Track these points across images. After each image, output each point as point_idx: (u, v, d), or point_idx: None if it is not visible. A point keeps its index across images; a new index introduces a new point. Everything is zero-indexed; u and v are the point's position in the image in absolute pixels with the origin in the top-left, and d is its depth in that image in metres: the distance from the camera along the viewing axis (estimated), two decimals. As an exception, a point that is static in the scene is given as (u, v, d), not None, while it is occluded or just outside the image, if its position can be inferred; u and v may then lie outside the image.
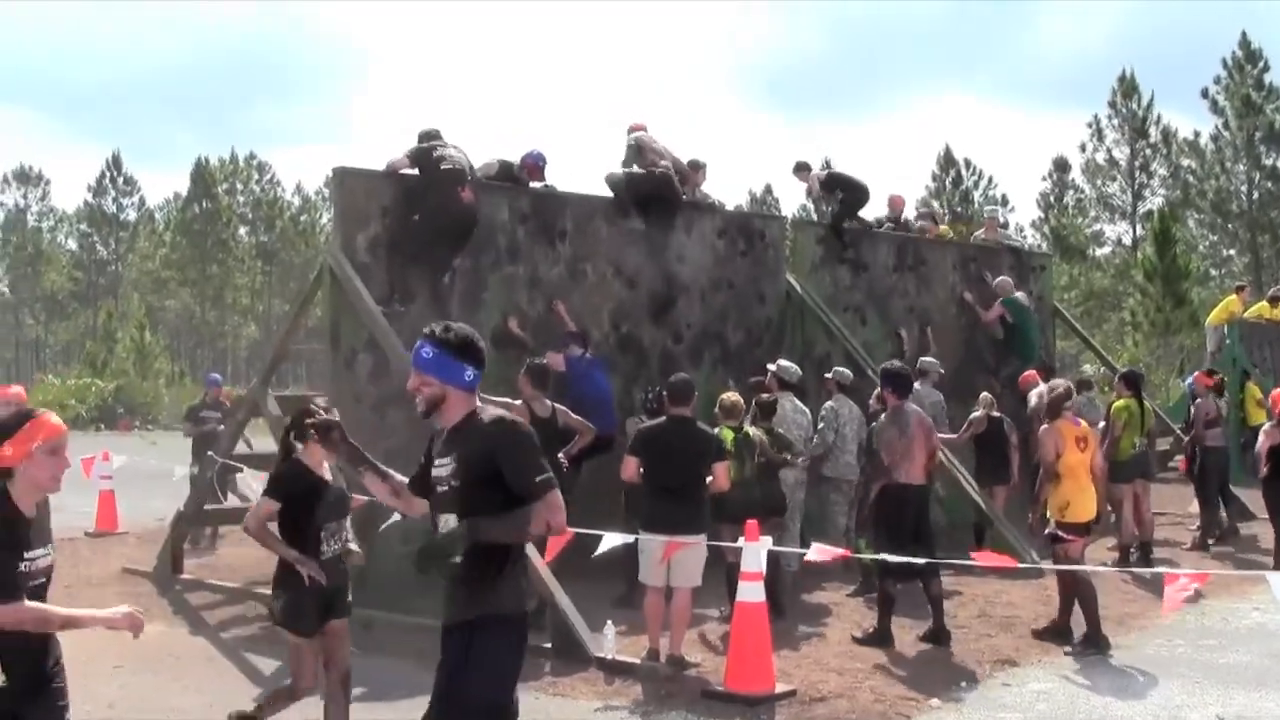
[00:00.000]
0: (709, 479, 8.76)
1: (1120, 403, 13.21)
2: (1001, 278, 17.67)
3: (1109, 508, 14.11)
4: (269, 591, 11.32)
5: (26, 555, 4.28)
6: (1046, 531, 9.86)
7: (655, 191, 13.01)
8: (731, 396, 10.47)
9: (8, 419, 4.33)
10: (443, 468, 4.78)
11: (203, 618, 10.77)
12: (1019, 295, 17.33)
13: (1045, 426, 9.81)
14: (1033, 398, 14.05)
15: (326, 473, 6.77)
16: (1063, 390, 10.05)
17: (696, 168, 14.06)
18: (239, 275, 79.10)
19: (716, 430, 9.86)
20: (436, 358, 4.76)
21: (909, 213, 18.08)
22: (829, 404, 11.96)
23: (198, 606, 11.21)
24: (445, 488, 4.78)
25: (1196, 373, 16.53)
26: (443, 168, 11.14)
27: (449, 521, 4.69)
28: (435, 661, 8.63)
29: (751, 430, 10.28)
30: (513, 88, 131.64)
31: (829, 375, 12.61)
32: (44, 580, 4.38)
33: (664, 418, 9.05)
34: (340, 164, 11.20)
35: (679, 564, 8.58)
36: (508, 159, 12.32)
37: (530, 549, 9.24)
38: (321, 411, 6.38)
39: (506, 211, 12.12)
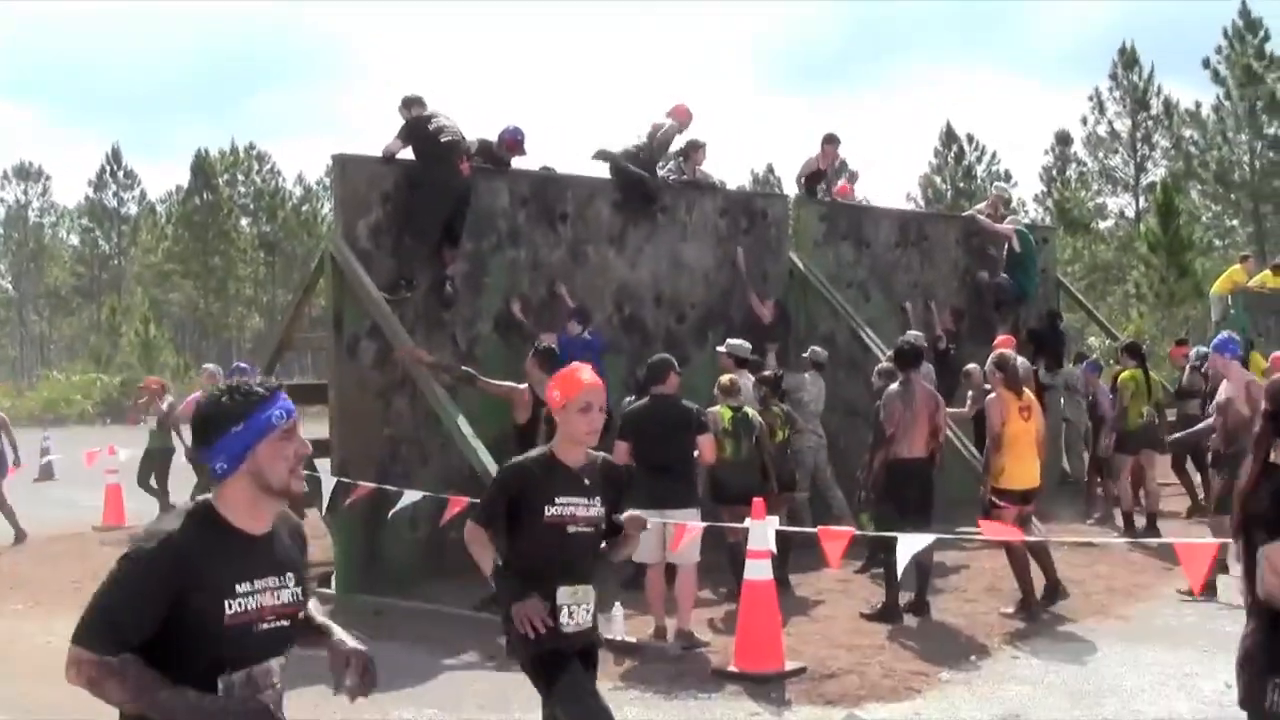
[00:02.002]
0: (697, 454, 8.86)
1: (1126, 373, 13.21)
2: (1012, 216, 17.99)
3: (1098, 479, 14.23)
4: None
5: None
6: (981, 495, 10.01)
7: (639, 188, 12.97)
8: (730, 376, 10.53)
9: None
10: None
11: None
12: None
13: (991, 396, 9.87)
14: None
15: None
16: (1014, 360, 10.13)
17: (696, 147, 14.01)
18: (242, 266, 78.96)
19: (716, 409, 10.00)
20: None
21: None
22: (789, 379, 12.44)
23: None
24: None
25: (1173, 345, 16.62)
26: (442, 140, 11.09)
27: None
28: (445, 647, 8.71)
29: (750, 410, 10.30)
30: (516, 75, 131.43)
31: (805, 355, 13.14)
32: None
33: (646, 398, 9.15)
34: (340, 151, 11.15)
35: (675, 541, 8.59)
36: (486, 137, 12.22)
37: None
38: None
39: (507, 196, 12.09)
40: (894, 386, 9.95)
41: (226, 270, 77.29)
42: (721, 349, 11.81)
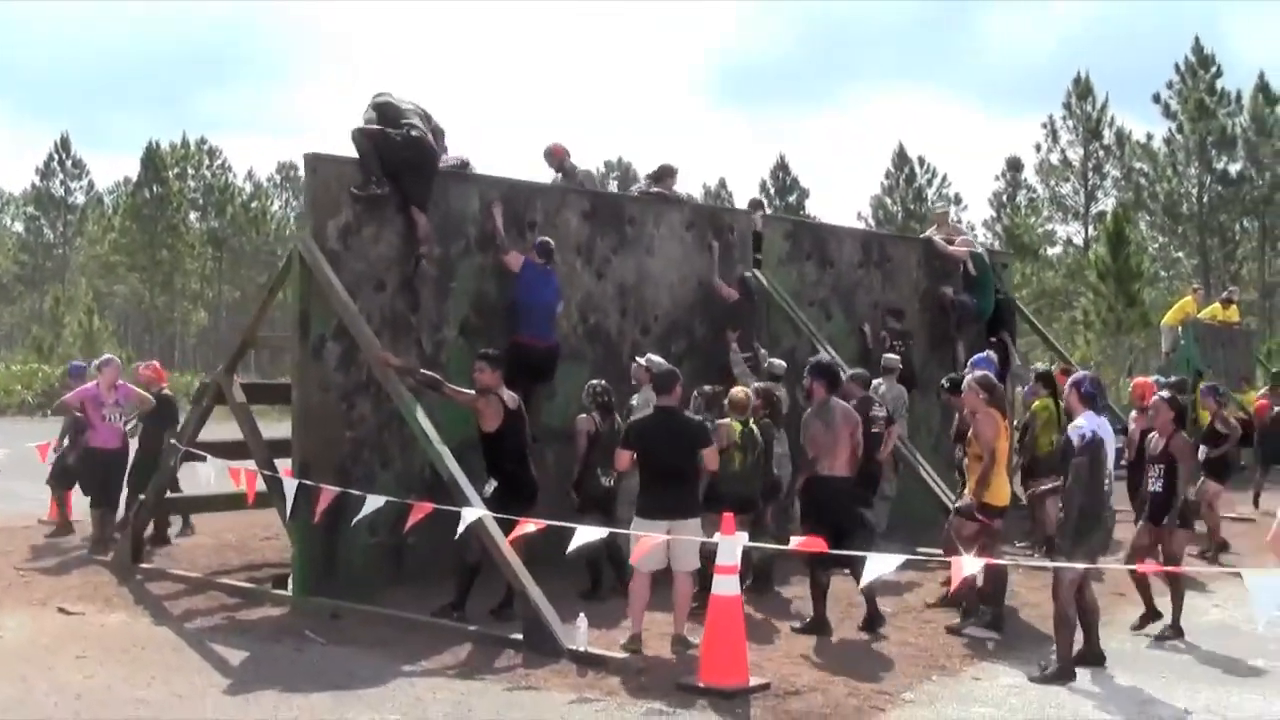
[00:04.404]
0: (699, 464, 9.14)
1: (1039, 402, 13.35)
2: (964, 236, 18.70)
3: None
4: (231, 581, 11.33)
5: None
6: (958, 505, 10.19)
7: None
8: (742, 391, 10.93)
9: None
10: None
11: (165, 608, 10.64)
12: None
13: (987, 412, 9.99)
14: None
15: None
16: (994, 382, 10.35)
17: (668, 173, 14.30)
18: (189, 261, 78.15)
19: (727, 422, 10.51)
20: None
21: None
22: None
23: (160, 597, 11.07)
24: None
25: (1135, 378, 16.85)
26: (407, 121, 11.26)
27: None
28: (404, 653, 8.67)
29: (754, 426, 10.71)
30: (467, 81, 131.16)
31: (764, 366, 13.35)
32: None
33: (651, 409, 9.46)
34: (312, 150, 11.07)
35: (678, 548, 8.85)
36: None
37: (499, 534, 9.33)
38: None
39: (477, 201, 12.06)
40: (809, 409, 10.20)
41: (173, 264, 76.44)
42: (641, 360, 11.89)
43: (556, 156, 13.64)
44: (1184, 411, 11.23)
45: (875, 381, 13.60)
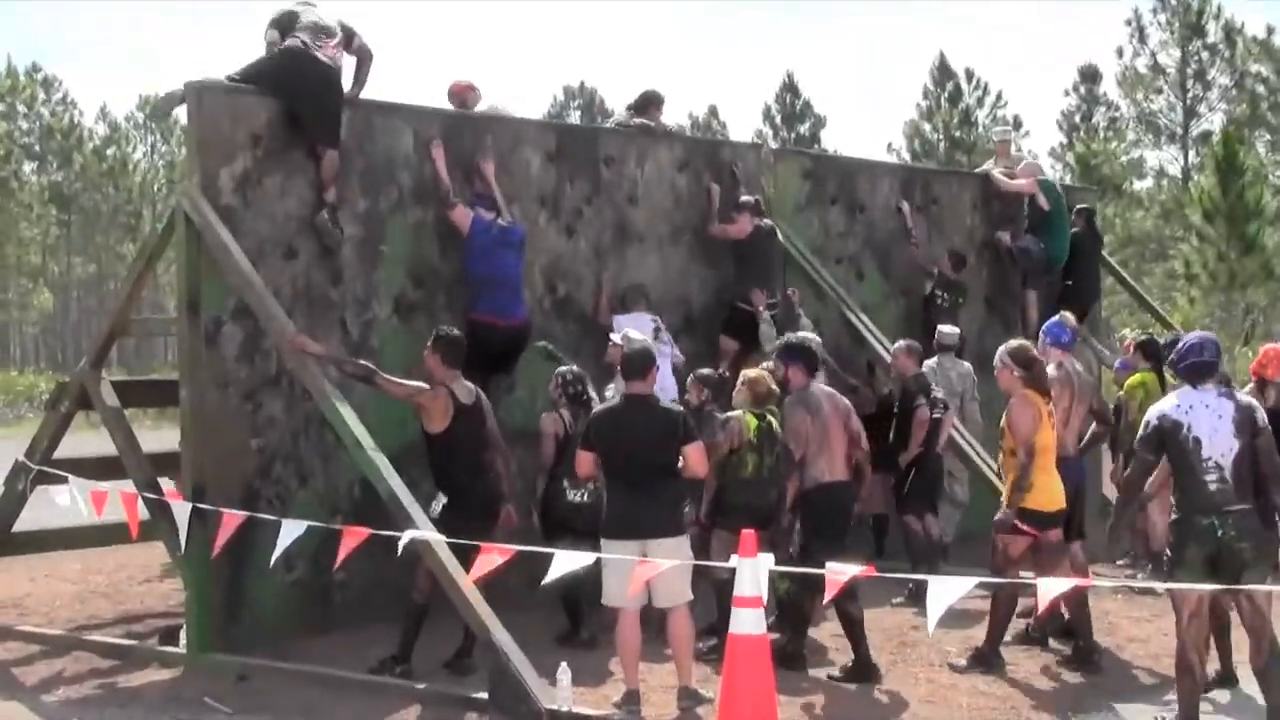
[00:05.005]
0: (680, 465, 9.08)
1: (1136, 377, 13.49)
2: (1028, 161, 18.72)
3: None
4: (103, 638, 11.36)
5: None
6: (996, 517, 10.33)
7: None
8: (763, 378, 10.86)
9: None
10: None
11: (16, 677, 10.65)
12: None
13: (1022, 395, 10.16)
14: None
15: None
16: (1033, 353, 10.45)
17: (651, 102, 14.44)
18: (25, 226, 77.66)
19: (738, 414, 10.56)
20: None
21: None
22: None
23: (7, 662, 11.10)
24: None
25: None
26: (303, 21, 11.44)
27: None
28: None
29: (773, 419, 10.75)
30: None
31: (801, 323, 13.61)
32: None
33: (618, 398, 9.39)
34: (197, 79, 11.09)
35: (661, 579, 8.82)
36: None
37: (454, 564, 9.41)
38: None
39: (411, 140, 12.13)
40: (789, 397, 10.37)
41: (4, 231, 75.95)
42: (615, 337, 11.97)
43: (458, 95, 13.71)
44: None
45: (928, 361, 13.80)
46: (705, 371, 11.76)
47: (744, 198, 14.36)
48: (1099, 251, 18.95)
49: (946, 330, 14.72)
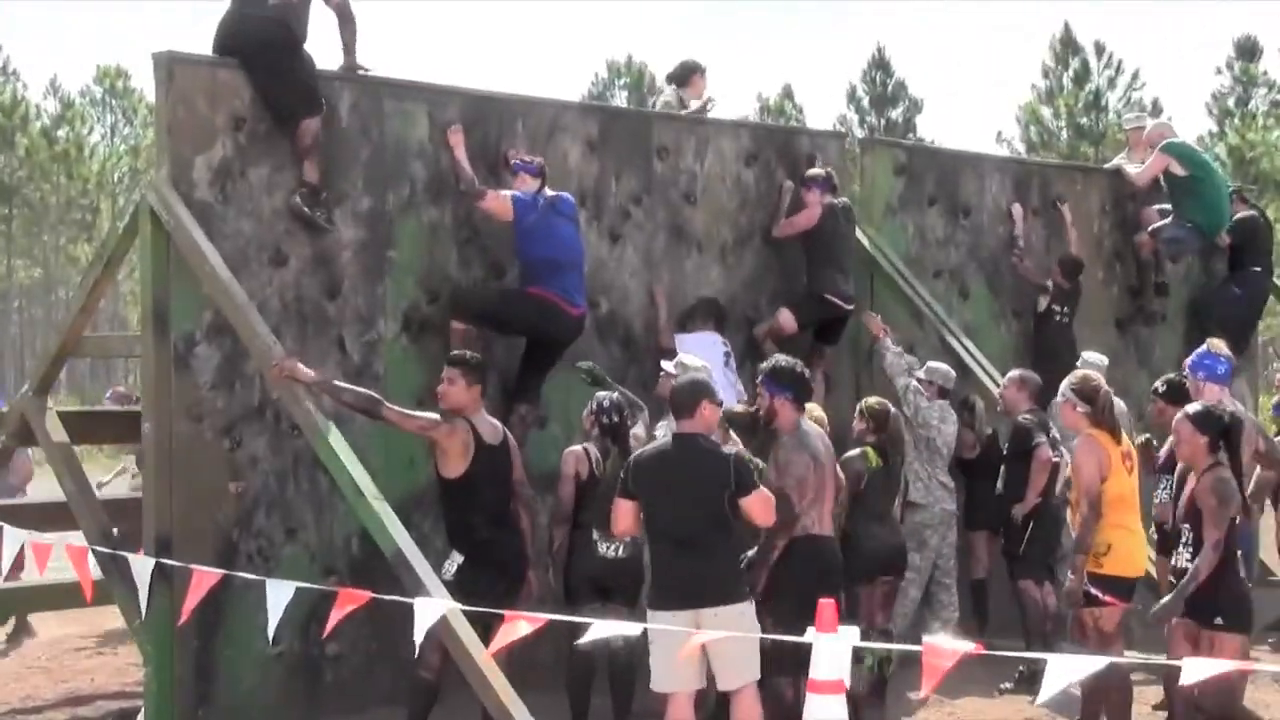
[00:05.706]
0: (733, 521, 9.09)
1: None
2: (1155, 123, 18.88)
3: None
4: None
5: None
6: (1067, 588, 10.29)
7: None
8: (880, 403, 11.39)
9: None
10: None
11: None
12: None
13: (1087, 436, 10.14)
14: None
15: None
16: (1098, 383, 10.43)
17: (693, 70, 14.66)
18: (-41, 222, 78.47)
19: (860, 451, 11.15)
20: None
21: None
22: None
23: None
24: None
25: None
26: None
27: None
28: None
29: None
30: None
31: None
32: None
33: (665, 439, 9.42)
34: (164, 49, 11.12)
35: (721, 655, 8.82)
36: None
37: (472, 637, 9.36)
38: None
39: (426, 125, 12.12)
40: (785, 437, 10.23)
41: (-65, 227, 76.74)
42: (668, 365, 11.85)
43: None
44: None
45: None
46: (737, 409, 11.56)
47: (811, 170, 14.31)
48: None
49: (1093, 359, 14.35)
